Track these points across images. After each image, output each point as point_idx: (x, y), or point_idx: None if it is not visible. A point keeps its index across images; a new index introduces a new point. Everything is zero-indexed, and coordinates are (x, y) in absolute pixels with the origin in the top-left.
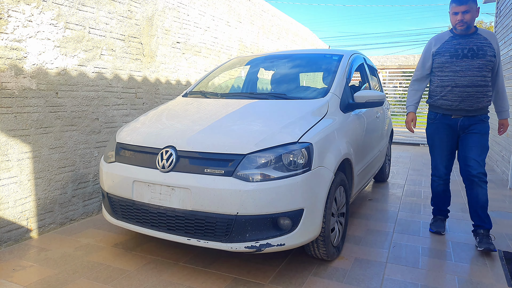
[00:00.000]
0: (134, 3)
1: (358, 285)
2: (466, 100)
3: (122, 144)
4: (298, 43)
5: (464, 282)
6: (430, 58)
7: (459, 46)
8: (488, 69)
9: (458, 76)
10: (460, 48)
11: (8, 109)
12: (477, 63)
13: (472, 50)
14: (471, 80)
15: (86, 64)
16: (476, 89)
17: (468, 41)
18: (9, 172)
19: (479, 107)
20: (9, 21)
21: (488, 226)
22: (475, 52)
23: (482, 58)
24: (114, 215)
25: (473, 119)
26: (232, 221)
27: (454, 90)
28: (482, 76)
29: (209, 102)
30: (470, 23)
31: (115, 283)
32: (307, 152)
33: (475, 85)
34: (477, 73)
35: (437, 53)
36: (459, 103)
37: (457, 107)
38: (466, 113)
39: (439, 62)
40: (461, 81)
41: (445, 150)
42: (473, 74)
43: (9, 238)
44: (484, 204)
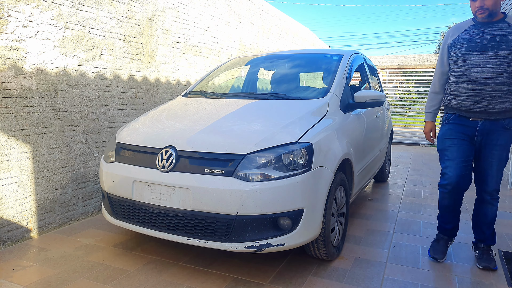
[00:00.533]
0: (134, 3)
1: (358, 285)
2: (486, 100)
3: (122, 144)
4: (298, 43)
5: (464, 282)
6: (446, 52)
7: (478, 36)
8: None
9: (474, 71)
10: (479, 39)
11: (8, 109)
12: (498, 56)
13: (494, 40)
14: (489, 75)
15: (86, 64)
16: (497, 87)
17: (491, 30)
18: (9, 172)
19: (502, 109)
20: (9, 21)
21: (491, 242)
22: (497, 43)
23: (506, 50)
24: (114, 215)
25: (495, 124)
26: (232, 221)
27: (470, 87)
28: (505, 71)
29: (209, 102)
30: (493, 9)
31: (115, 283)
32: (307, 152)
33: (495, 82)
34: (498, 68)
35: (453, 45)
36: (478, 103)
37: (476, 108)
38: (487, 115)
39: (454, 55)
40: (477, 77)
41: (457, 157)
42: (492, 69)
43: (9, 238)
44: (491, 221)
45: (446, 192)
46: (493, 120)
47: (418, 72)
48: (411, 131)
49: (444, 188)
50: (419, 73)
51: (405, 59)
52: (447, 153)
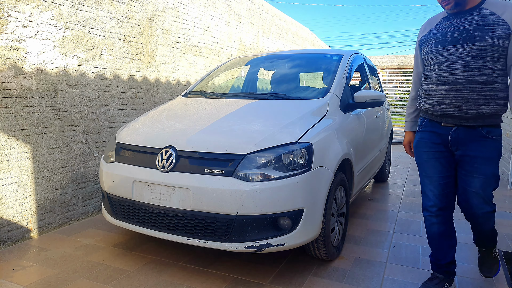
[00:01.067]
0: (134, 3)
1: (358, 285)
2: (457, 103)
3: (122, 144)
4: (298, 43)
5: (464, 282)
6: (418, 50)
7: (449, 29)
8: (492, 57)
9: (443, 69)
10: (450, 31)
11: (8, 109)
12: (471, 50)
13: (466, 31)
14: (460, 73)
15: (86, 64)
16: (470, 87)
17: (465, 19)
18: (9, 172)
19: (478, 113)
20: (9, 21)
21: (492, 245)
22: (469, 35)
23: (479, 41)
24: (114, 215)
25: (472, 132)
26: (232, 221)
27: (440, 89)
28: (480, 67)
29: (209, 102)
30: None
31: (115, 283)
32: (307, 152)
33: (467, 81)
34: (470, 64)
35: (423, 42)
36: (448, 107)
37: (446, 112)
38: (460, 121)
39: (424, 53)
40: (447, 76)
41: (435, 173)
42: (463, 65)
43: (9, 238)
44: (491, 237)
45: (433, 215)
46: (468, 127)
47: None
48: None
49: (429, 211)
50: None
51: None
52: (424, 169)
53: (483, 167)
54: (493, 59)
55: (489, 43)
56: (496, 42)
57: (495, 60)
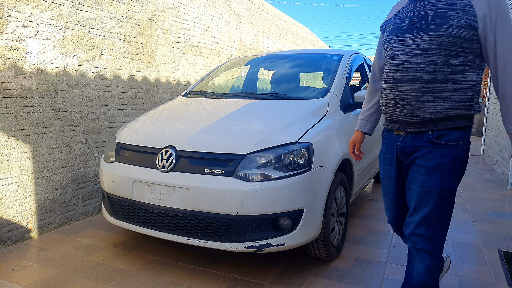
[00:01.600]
0: (134, 3)
1: (358, 285)
2: (400, 105)
3: (122, 144)
4: (298, 43)
5: (464, 282)
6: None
7: (410, 14)
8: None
9: (390, 63)
10: (410, 17)
11: (8, 109)
12: (422, 41)
13: (425, 18)
14: (404, 70)
15: (86, 64)
16: (413, 87)
17: (429, 3)
18: (9, 172)
19: (424, 118)
20: (9, 21)
21: None
22: (426, 22)
23: (434, 31)
24: (114, 215)
25: (419, 138)
26: (232, 221)
27: (386, 87)
28: (429, 63)
29: (209, 102)
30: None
31: (115, 283)
32: (307, 152)
33: (410, 79)
34: (418, 58)
35: (383, 28)
36: (393, 109)
37: (392, 117)
38: (408, 127)
39: (382, 41)
40: (392, 73)
41: (389, 192)
42: (409, 60)
43: (9, 238)
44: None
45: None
46: (416, 133)
47: None
48: None
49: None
50: None
51: None
52: (382, 185)
53: (429, 179)
54: (448, 53)
55: (446, 34)
56: (456, 32)
57: (453, 54)
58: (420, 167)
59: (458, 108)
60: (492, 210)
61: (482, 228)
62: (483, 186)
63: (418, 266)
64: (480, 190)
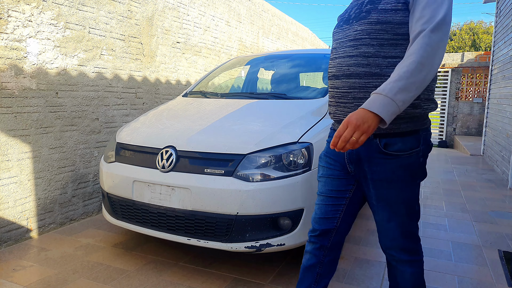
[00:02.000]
0: (134, 3)
1: (358, 285)
2: (340, 104)
3: (122, 144)
4: (298, 43)
5: (464, 282)
6: None
7: (354, 3)
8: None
9: (330, 58)
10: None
11: (8, 109)
12: (354, 32)
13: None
14: (339, 64)
15: (86, 64)
16: (349, 82)
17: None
18: (9, 172)
19: None
20: (9, 21)
21: None
22: (360, 9)
23: (363, 19)
24: (114, 215)
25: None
26: (232, 221)
27: (328, 85)
28: (362, 55)
29: (209, 102)
30: None
31: (115, 283)
32: (307, 152)
33: (345, 74)
34: (351, 51)
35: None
36: (335, 108)
37: (335, 117)
38: None
39: None
40: (330, 68)
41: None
42: (343, 53)
43: (9, 238)
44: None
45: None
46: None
47: None
48: None
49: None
50: None
51: None
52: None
53: (380, 192)
54: (381, 42)
55: (374, 21)
56: (384, 18)
57: (387, 44)
58: (375, 181)
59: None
60: (492, 210)
61: (482, 228)
62: (483, 186)
63: (402, 275)
64: (480, 190)
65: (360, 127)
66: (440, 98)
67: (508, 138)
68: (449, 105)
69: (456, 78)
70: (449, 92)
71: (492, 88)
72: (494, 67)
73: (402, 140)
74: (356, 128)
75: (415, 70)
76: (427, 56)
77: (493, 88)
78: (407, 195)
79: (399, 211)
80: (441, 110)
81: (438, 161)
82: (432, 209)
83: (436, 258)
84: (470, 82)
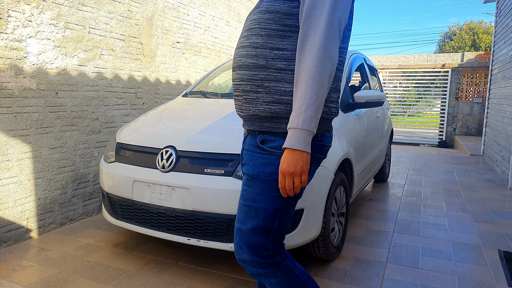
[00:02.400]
0: (134, 3)
1: (358, 285)
2: (235, 97)
3: (122, 144)
4: None
5: (464, 282)
6: None
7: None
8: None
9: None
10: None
11: (8, 109)
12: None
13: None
14: (235, 55)
15: (86, 64)
16: (240, 74)
17: None
18: (9, 172)
19: (250, 112)
20: (9, 21)
21: None
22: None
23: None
24: (114, 215)
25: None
26: (232, 221)
27: None
28: (251, 46)
29: (209, 102)
30: None
31: (115, 283)
32: None
33: (237, 64)
34: (244, 41)
35: None
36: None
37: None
38: (245, 124)
39: None
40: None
41: None
42: (239, 43)
43: (9, 238)
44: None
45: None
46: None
47: (418, 72)
48: (411, 131)
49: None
50: (419, 73)
51: (405, 59)
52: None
53: (245, 188)
54: (269, 33)
55: (263, 10)
56: (273, 6)
57: (275, 35)
58: (244, 175)
59: (281, 103)
60: (492, 210)
61: (482, 228)
62: (483, 186)
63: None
64: (480, 190)
65: (295, 172)
66: (440, 98)
67: (508, 138)
68: (449, 105)
69: (456, 78)
70: (449, 92)
71: (492, 88)
72: (494, 67)
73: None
74: (292, 175)
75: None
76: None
77: (493, 88)
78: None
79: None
80: (441, 110)
81: (438, 161)
82: (432, 209)
83: (436, 258)
84: (470, 82)
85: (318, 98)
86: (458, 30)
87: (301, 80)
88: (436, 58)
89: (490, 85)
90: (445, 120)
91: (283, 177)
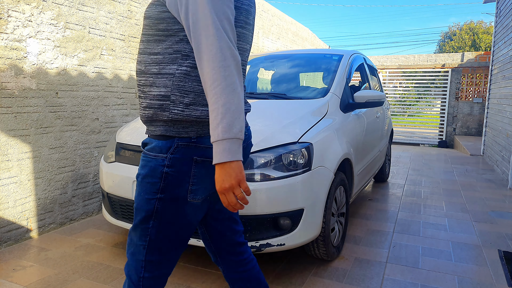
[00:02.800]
0: (134, 3)
1: (358, 285)
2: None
3: (122, 144)
4: (298, 43)
5: (464, 282)
6: None
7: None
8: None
9: None
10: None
11: (8, 109)
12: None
13: None
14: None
15: (86, 64)
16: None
17: None
18: (9, 172)
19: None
20: (9, 21)
21: None
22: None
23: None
24: (114, 215)
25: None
26: None
27: None
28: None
29: None
30: None
31: (115, 283)
32: (307, 152)
33: (137, 71)
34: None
35: None
36: None
37: None
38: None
39: None
40: None
41: None
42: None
43: (9, 238)
44: None
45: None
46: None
47: (418, 72)
48: (411, 131)
49: None
50: (419, 73)
51: (405, 59)
52: None
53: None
54: (148, 38)
55: (144, 16)
56: (148, 12)
57: (152, 40)
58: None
59: (152, 107)
60: (492, 210)
61: (482, 228)
62: (483, 186)
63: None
64: (480, 190)
65: (232, 185)
66: (440, 98)
67: (508, 138)
68: (449, 105)
69: (456, 78)
70: (449, 92)
71: (492, 88)
72: (494, 67)
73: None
74: (230, 190)
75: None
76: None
77: (493, 88)
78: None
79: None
80: (441, 110)
81: (438, 161)
82: (432, 209)
83: (436, 258)
84: (470, 82)
85: (233, 102)
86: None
87: (209, 89)
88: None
89: (490, 85)
90: (445, 120)
91: (223, 195)
